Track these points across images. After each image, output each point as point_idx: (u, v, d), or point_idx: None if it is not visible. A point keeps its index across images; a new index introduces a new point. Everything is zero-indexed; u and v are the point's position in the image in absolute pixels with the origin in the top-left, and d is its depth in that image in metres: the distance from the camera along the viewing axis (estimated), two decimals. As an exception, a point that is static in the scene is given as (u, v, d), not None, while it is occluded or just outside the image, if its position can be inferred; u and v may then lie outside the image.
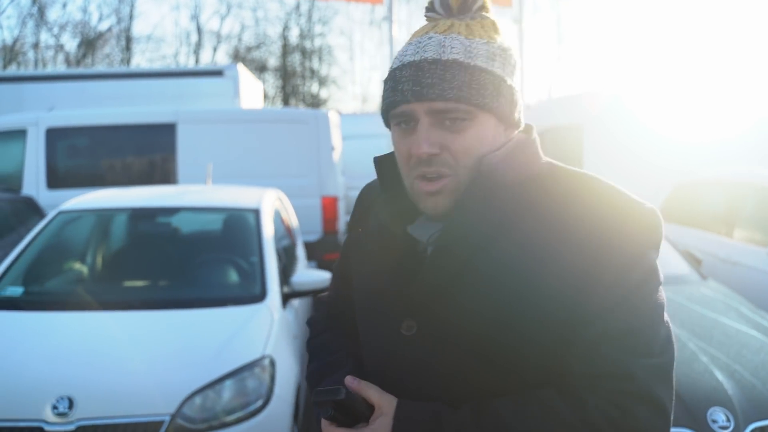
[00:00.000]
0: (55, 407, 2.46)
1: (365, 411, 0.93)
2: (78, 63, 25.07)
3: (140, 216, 3.75)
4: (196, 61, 27.39)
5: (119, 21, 26.30)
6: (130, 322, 2.94)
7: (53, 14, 30.32)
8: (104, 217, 3.84)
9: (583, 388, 0.88)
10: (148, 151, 7.09)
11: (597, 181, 0.97)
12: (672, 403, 0.90)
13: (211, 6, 33.67)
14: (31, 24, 24.89)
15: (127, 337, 2.80)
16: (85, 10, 27.58)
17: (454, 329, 0.93)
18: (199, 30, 27.32)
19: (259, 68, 27.66)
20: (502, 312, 0.90)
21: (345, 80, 30.21)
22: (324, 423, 0.96)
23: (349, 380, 0.96)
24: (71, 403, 2.46)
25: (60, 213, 3.76)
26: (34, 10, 24.23)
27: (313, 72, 28.48)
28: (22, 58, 25.40)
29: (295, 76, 28.37)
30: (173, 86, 9.23)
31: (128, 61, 26.48)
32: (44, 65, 25.67)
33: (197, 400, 2.55)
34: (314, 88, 28.89)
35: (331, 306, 1.26)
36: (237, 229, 3.65)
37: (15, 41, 24.42)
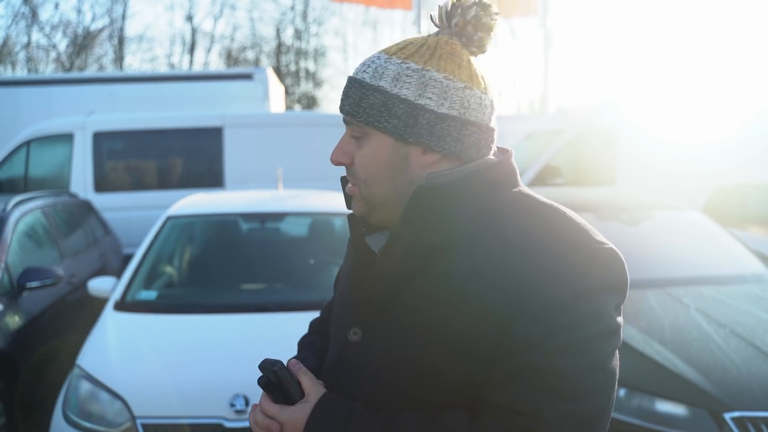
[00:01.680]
0: (232, 405, 2.61)
1: (296, 395, 0.96)
2: (72, 64, 24.82)
3: (250, 221, 3.89)
4: (190, 62, 27.30)
5: (112, 21, 26.11)
6: (271, 324, 3.09)
7: (45, 14, 29.95)
8: (212, 222, 3.96)
9: (491, 418, 0.87)
10: (196, 154, 7.19)
11: (558, 216, 0.94)
12: None
13: (204, 6, 33.53)
14: (22, 24, 24.59)
15: (277, 338, 2.95)
16: (79, 11, 27.10)
17: (387, 342, 0.95)
18: (194, 30, 27.21)
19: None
20: (429, 334, 0.91)
21: (340, 80, 30.28)
22: (262, 397, 1.00)
23: (293, 362, 1.01)
24: (246, 401, 2.61)
25: (169, 218, 3.88)
26: (26, 9, 23.92)
27: (308, 72, 28.58)
28: (13, 58, 25.09)
29: (289, 76, 28.41)
30: (203, 89, 9.31)
31: (121, 62, 26.29)
32: (36, 66, 25.38)
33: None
34: (308, 88, 28.98)
35: (323, 310, 1.33)
36: (345, 232, 3.82)
37: (5, 41, 24.08)
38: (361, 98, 0.94)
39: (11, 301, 3.85)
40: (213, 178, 7.11)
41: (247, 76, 9.50)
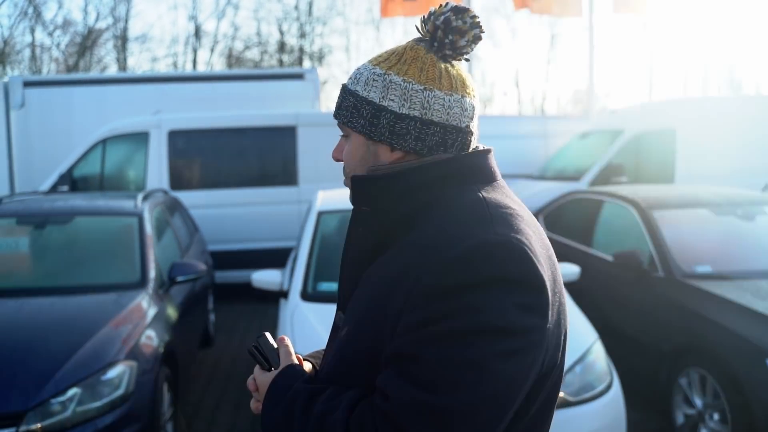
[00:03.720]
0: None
1: (274, 363, 1.11)
2: (76, 63, 24.62)
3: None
4: (194, 61, 27.21)
5: (116, 21, 25.94)
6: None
7: (49, 14, 29.61)
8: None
9: (369, 399, 0.92)
10: (270, 153, 7.30)
11: (476, 207, 0.96)
12: None
13: (208, 6, 33.34)
14: (24, 23, 24.34)
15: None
16: (85, 11, 26.88)
17: (345, 325, 1.04)
18: (198, 30, 27.12)
19: (256, 67, 27.62)
20: (357, 319, 1.00)
21: (342, 80, 30.36)
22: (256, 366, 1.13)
23: (281, 338, 1.14)
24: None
25: (321, 214, 4.03)
26: (30, 9, 23.67)
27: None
28: (15, 57, 24.82)
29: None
30: (255, 89, 9.38)
31: (124, 62, 26.14)
32: (38, 65, 25.13)
33: (569, 376, 2.91)
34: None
35: None
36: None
37: (7, 40, 23.80)
38: (342, 101, 1.05)
39: (166, 294, 3.97)
40: (287, 177, 7.24)
41: (299, 76, 9.59)
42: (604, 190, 5.23)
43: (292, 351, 1.13)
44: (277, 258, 7.13)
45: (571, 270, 3.92)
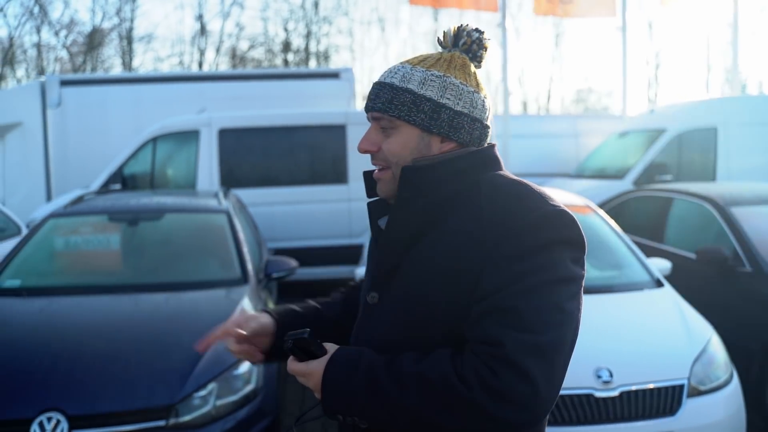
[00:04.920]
0: (598, 376, 2.84)
1: (319, 353, 1.15)
2: (84, 62, 24.49)
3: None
4: (201, 60, 27.12)
5: (121, 21, 25.82)
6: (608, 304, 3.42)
7: (55, 13, 29.41)
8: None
9: (469, 351, 1.06)
10: (319, 151, 7.31)
11: (522, 186, 1.14)
12: (547, 379, 1.01)
13: (214, 5, 33.21)
14: (30, 23, 24.17)
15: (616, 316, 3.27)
16: (92, 11, 26.70)
17: (394, 301, 1.17)
18: (203, 29, 27.04)
19: (258, 67, 27.57)
20: (423, 291, 1.12)
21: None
22: (288, 360, 1.19)
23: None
24: (611, 373, 2.84)
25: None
26: (36, 8, 23.50)
27: (316, 72, 28.50)
28: (20, 57, 24.65)
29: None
30: (291, 88, 9.41)
31: (130, 62, 26.01)
32: (44, 65, 24.98)
33: (697, 366, 2.97)
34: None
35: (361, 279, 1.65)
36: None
37: (13, 40, 23.64)
38: (393, 97, 1.17)
39: (264, 291, 4.00)
40: (337, 175, 7.26)
41: (334, 75, 9.62)
42: (675, 188, 5.30)
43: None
44: (327, 256, 7.16)
45: (665, 265, 3.99)
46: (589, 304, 3.45)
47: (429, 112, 1.16)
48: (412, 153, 1.18)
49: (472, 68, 1.22)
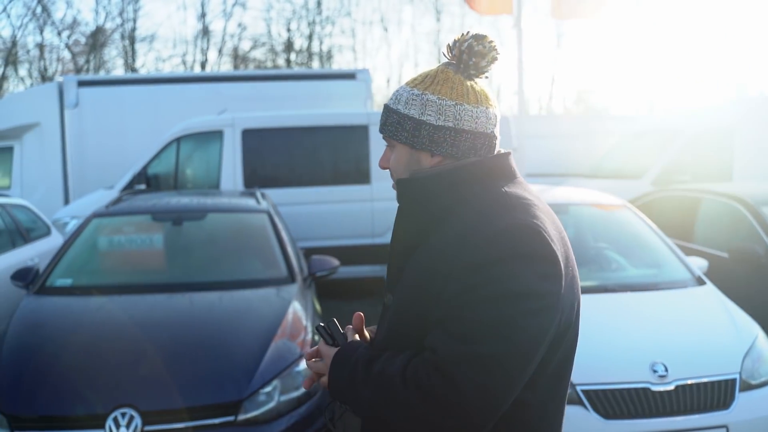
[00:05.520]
0: (654, 370, 2.91)
1: (341, 341, 1.29)
2: (87, 63, 24.48)
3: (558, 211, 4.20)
4: (204, 61, 27.13)
5: (124, 21, 25.80)
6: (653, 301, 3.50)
7: (58, 13, 29.34)
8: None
9: (421, 355, 1.11)
10: (342, 151, 7.37)
11: (502, 198, 1.17)
12: (480, 389, 1.03)
13: (217, 5, 33.19)
14: (33, 23, 24.14)
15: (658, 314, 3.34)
16: (95, 11, 26.67)
17: (397, 302, 1.23)
18: (206, 30, 27.05)
19: (259, 68, 27.59)
20: (410, 294, 1.19)
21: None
22: (320, 341, 1.33)
23: (357, 314, 1.34)
24: (665, 367, 2.92)
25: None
26: (39, 9, 23.47)
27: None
28: (24, 57, 24.63)
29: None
30: (308, 88, 9.46)
31: (132, 62, 26.01)
32: (46, 65, 24.96)
33: (747, 361, 3.06)
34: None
35: None
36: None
37: (16, 40, 23.61)
38: (387, 118, 1.26)
39: (309, 289, 4.06)
40: (360, 175, 7.31)
41: (350, 76, 9.68)
42: (703, 188, 5.39)
43: (363, 329, 1.35)
44: (351, 255, 7.21)
45: (702, 264, 4.07)
46: (635, 301, 3.53)
47: (411, 130, 1.22)
48: (406, 168, 1.25)
49: (458, 80, 1.23)
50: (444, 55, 1.28)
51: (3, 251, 5.03)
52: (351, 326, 1.33)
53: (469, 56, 1.23)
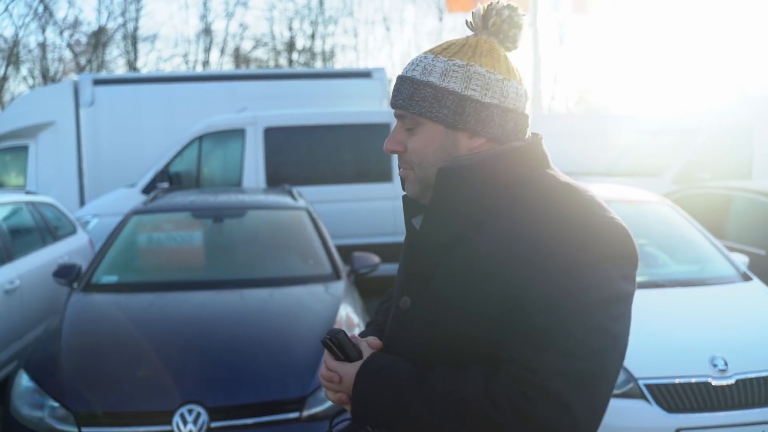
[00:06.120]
0: (714, 365, 2.93)
1: (354, 355, 1.11)
2: (88, 63, 24.39)
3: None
4: (206, 61, 27.07)
5: (126, 21, 25.72)
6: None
7: (59, 13, 29.24)
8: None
9: (504, 372, 0.97)
10: (364, 149, 7.37)
11: (573, 192, 1.03)
12: (587, 409, 0.93)
13: (219, 5, 33.13)
14: (34, 23, 24.04)
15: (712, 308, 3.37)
16: (98, 11, 26.57)
17: (429, 308, 1.08)
18: (208, 30, 26.99)
19: (260, 67, 27.55)
20: (460, 300, 1.03)
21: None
22: (325, 356, 1.15)
23: (353, 335, 1.17)
24: (725, 362, 2.93)
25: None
26: (41, 8, 23.37)
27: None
28: (25, 56, 24.52)
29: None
30: (323, 87, 9.45)
31: (134, 61, 25.93)
32: (47, 65, 24.85)
33: None
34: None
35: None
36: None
37: (17, 39, 23.50)
38: (414, 93, 1.06)
39: (352, 286, 4.06)
40: (382, 173, 7.32)
41: (366, 75, 9.67)
42: (733, 185, 5.42)
43: (375, 342, 1.16)
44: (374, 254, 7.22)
45: (743, 260, 4.10)
46: (686, 296, 3.55)
47: (452, 107, 1.05)
48: (436, 152, 1.07)
49: (502, 52, 1.09)
50: (469, 25, 1.12)
51: (35, 249, 5.01)
52: (361, 337, 1.18)
53: (510, 26, 1.10)
